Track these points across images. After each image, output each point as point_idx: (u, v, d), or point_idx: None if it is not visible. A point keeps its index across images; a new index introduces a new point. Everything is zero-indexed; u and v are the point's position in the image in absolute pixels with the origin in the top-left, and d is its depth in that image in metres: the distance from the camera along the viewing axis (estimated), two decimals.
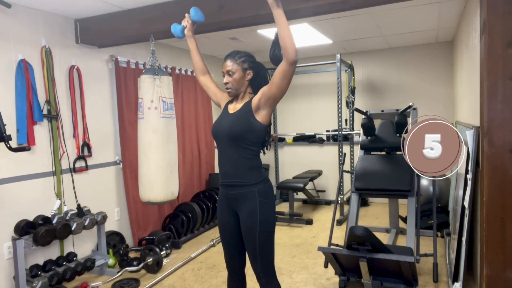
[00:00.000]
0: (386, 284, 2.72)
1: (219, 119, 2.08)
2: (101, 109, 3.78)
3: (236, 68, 1.99)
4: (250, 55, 2.05)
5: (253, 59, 2.06)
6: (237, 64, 1.99)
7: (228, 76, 2.01)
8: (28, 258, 3.04)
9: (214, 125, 2.09)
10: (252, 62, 2.04)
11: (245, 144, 1.96)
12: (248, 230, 1.98)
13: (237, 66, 1.99)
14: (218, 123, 2.06)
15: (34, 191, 3.14)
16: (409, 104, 3.62)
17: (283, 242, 4.22)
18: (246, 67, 2.01)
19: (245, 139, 1.95)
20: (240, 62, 2.00)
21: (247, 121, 1.94)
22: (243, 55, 2.02)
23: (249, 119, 1.94)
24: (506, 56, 2.13)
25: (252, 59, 2.05)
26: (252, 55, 2.06)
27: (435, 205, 3.18)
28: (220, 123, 2.05)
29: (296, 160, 6.26)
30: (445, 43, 5.28)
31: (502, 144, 2.17)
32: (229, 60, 2.01)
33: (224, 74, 2.03)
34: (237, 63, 1.99)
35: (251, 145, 1.97)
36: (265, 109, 1.95)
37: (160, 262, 3.46)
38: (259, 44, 4.90)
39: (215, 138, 2.07)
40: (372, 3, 2.71)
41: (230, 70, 1.99)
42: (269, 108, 1.95)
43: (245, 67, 2.01)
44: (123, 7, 3.21)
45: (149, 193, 3.20)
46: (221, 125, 2.03)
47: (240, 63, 2.00)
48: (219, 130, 2.02)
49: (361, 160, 3.77)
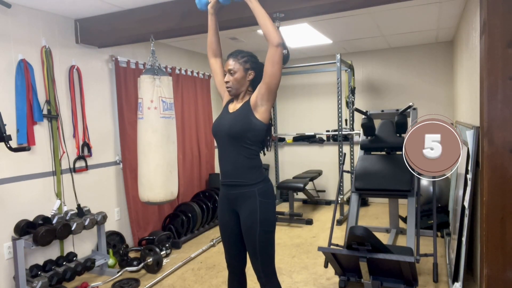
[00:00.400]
0: (386, 284, 2.72)
1: (219, 118, 2.09)
2: (101, 109, 3.78)
3: (238, 68, 1.99)
4: (252, 55, 2.06)
5: (256, 59, 2.06)
6: (239, 64, 2.00)
7: (229, 75, 2.01)
8: (28, 258, 3.04)
9: (214, 124, 2.09)
10: (254, 62, 2.04)
11: (245, 143, 1.96)
12: (248, 229, 1.98)
13: (239, 66, 1.99)
14: (218, 122, 2.07)
15: (34, 191, 3.14)
16: (409, 104, 3.62)
17: (283, 242, 4.22)
18: (248, 67, 2.01)
19: (245, 137, 1.95)
20: (243, 62, 2.00)
21: (247, 119, 1.95)
22: (246, 55, 2.02)
23: (249, 117, 1.95)
24: (506, 56, 2.13)
25: (254, 59, 2.05)
26: (254, 56, 2.07)
27: (435, 205, 3.18)
28: (220, 122, 2.05)
29: (296, 160, 6.26)
30: (445, 43, 5.28)
31: (502, 144, 2.17)
32: (231, 59, 2.01)
33: (226, 73, 2.03)
34: (239, 63, 2.00)
35: (251, 145, 1.97)
36: (264, 104, 1.95)
37: (160, 262, 3.46)
38: (259, 44, 4.89)
39: (215, 137, 2.08)
40: (372, 3, 2.71)
41: (232, 69, 2.00)
42: (267, 102, 1.95)
43: (247, 67, 2.01)
44: (123, 7, 3.21)
45: (148, 193, 3.20)
46: (221, 124, 2.03)
47: (242, 63, 2.00)
48: (219, 129, 2.03)
49: (361, 160, 3.76)
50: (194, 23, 2.99)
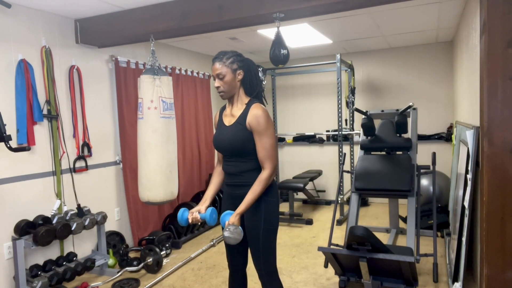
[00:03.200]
0: (386, 284, 2.72)
1: (218, 133, 2.07)
2: (101, 109, 3.78)
3: (226, 71, 1.94)
4: (237, 54, 2.00)
5: (242, 57, 2.01)
6: (226, 66, 1.94)
7: (218, 80, 1.97)
8: (28, 258, 3.04)
9: (214, 138, 2.08)
10: (241, 61, 1.99)
11: (248, 152, 1.97)
12: (252, 228, 1.99)
13: (226, 68, 1.94)
14: (218, 137, 2.05)
15: (34, 191, 3.14)
16: (409, 104, 3.62)
17: (283, 242, 4.22)
18: (236, 67, 1.97)
19: (247, 148, 1.96)
20: (229, 63, 1.95)
21: (245, 134, 1.94)
22: (231, 56, 1.96)
23: (246, 132, 1.94)
24: (506, 56, 2.14)
25: (240, 58, 2.00)
26: (239, 54, 2.01)
27: (435, 205, 3.18)
28: (220, 137, 2.04)
29: (296, 160, 6.26)
30: (445, 43, 5.28)
31: (502, 144, 2.17)
32: (217, 63, 1.96)
33: (215, 78, 1.99)
34: (226, 65, 1.94)
35: (254, 152, 1.98)
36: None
37: (160, 262, 3.46)
38: (259, 44, 4.90)
39: (217, 151, 2.09)
40: (372, 3, 2.71)
41: (220, 73, 1.95)
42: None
43: (234, 67, 1.96)
44: (123, 7, 3.21)
45: (148, 193, 3.20)
46: (221, 139, 2.02)
47: (229, 65, 1.95)
48: (220, 144, 2.03)
49: (361, 160, 3.77)
50: (194, 23, 2.99)
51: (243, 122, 1.95)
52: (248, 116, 1.94)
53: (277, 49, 2.99)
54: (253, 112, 1.93)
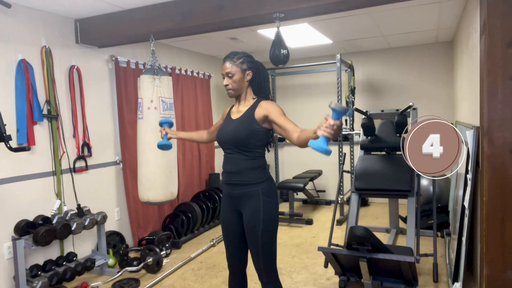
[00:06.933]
0: (386, 284, 2.72)
1: (223, 126, 2.12)
2: (101, 109, 3.78)
3: (235, 70, 2.00)
4: (248, 55, 2.06)
5: (252, 59, 2.06)
6: (236, 66, 2.00)
7: (227, 78, 2.02)
8: (28, 258, 3.04)
9: (218, 132, 2.12)
10: (250, 62, 2.04)
11: (250, 147, 1.99)
12: (251, 228, 1.99)
13: (236, 68, 2.00)
14: (222, 130, 2.10)
15: (34, 191, 3.14)
16: (409, 104, 3.62)
17: (283, 242, 4.22)
18: (245, 67, 2.02)
19: (249, 143, 1.98)
20: (239, 63, 2.01)
21: (250, 127, 1.97)
22: (242, 56, 2.02)
23: (252, 125, 1.97)
24: (506, 56, 2.14)
25: (250, 59, 2.05)
26: (250, 55, 2.07)
27: (435, 205, 3.18)
28: (224, 130, 2.08)
29: (296, 160, 6.26)
30: (445, 43, 5.28)
31: (502, 144, 2.17)
32: (227, 62, 2.01)
33: (224, 76, 2.04)
34: (236, 65, 2.00)
35: (256, 148, 2.00)
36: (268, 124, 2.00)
37: (160, 262, 3.46)
38: (259, 44, 4.89)
39: (220, 145, 2.10)
40: (372, 3, 2.71)
41: (229, 72, 2.00)
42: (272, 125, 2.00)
43: (244, 68, 2.02)
44: (123, 7, 3.21)
45: (148, 193, 3.20)
46: (225, 132, 2.06)
47: (239, 64, 2.00)
48: (224, 137, 2.05)
49: (361, 160, 3.76)
50: (194, 23, 2.99)
51: (251, 115, 1.98)
52: (258, 108, 1.99)
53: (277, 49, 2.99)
54: (263, 105, 1.99)
